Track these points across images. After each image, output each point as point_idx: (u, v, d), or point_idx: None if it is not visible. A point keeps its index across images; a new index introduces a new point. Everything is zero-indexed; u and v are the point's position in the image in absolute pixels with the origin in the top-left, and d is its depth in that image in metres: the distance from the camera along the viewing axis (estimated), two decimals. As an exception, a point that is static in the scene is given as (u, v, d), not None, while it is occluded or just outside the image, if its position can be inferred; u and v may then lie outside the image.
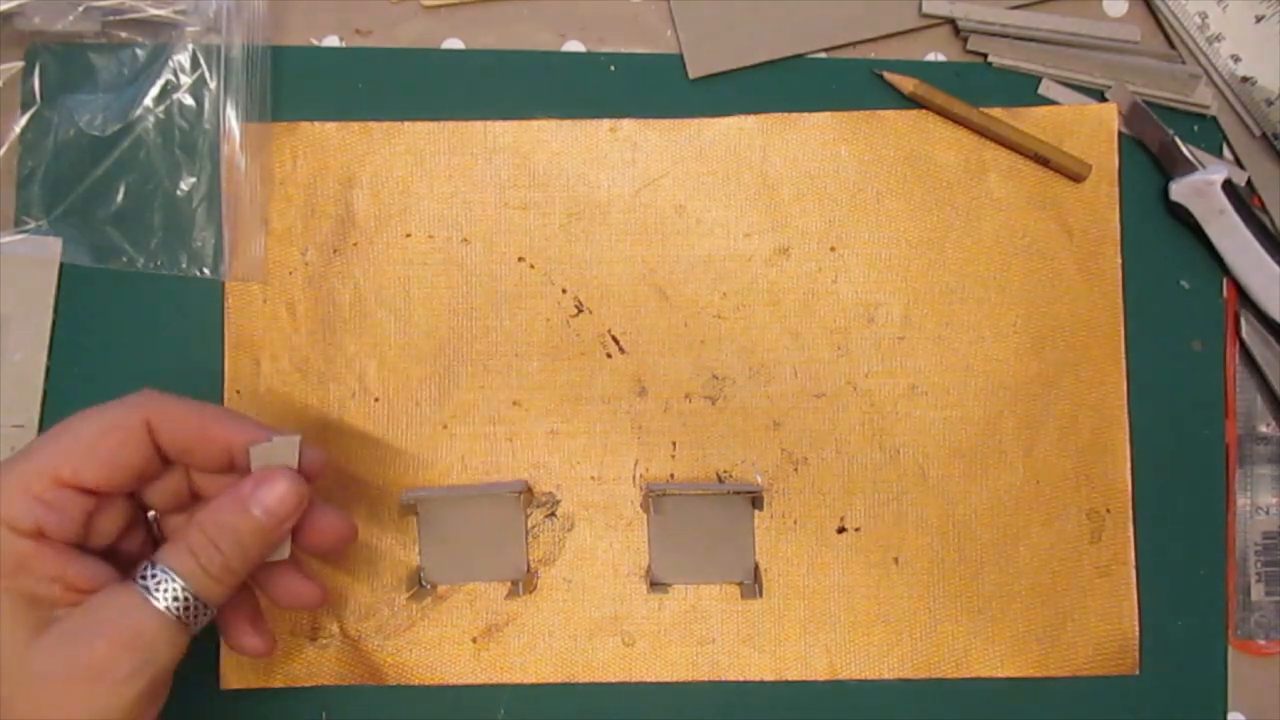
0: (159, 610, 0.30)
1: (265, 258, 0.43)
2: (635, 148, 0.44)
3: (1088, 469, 0.42)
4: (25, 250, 0.43)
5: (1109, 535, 0.42)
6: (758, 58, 0.44)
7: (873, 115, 0.44)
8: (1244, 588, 0.42)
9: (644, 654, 0.42)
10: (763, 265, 0.43)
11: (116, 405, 0.32)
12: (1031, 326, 0.43)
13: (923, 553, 0.42)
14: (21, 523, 0.30)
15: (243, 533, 0.32)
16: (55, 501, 0.31)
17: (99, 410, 0.32)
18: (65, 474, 0.31)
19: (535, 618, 0.42)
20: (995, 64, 0.44)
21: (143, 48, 0.43)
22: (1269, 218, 0.43)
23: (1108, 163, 0.43)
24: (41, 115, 0.43)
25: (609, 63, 0.44)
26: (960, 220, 0.43)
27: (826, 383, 0.43)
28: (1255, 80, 0.43)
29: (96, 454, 0.31)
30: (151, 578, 0.31)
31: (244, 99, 0.43)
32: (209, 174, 0.43)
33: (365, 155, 0.44)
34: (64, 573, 0.30)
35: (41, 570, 0.30)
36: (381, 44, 0.44)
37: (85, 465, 0.31)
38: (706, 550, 0.42)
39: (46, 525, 0.30)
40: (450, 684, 0.42)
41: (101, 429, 0.32)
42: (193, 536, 0.32)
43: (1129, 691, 0.42)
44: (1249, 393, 0.43)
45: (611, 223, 0.43)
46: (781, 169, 0.43)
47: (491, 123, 0.44)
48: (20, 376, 0.42)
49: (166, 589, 0.31)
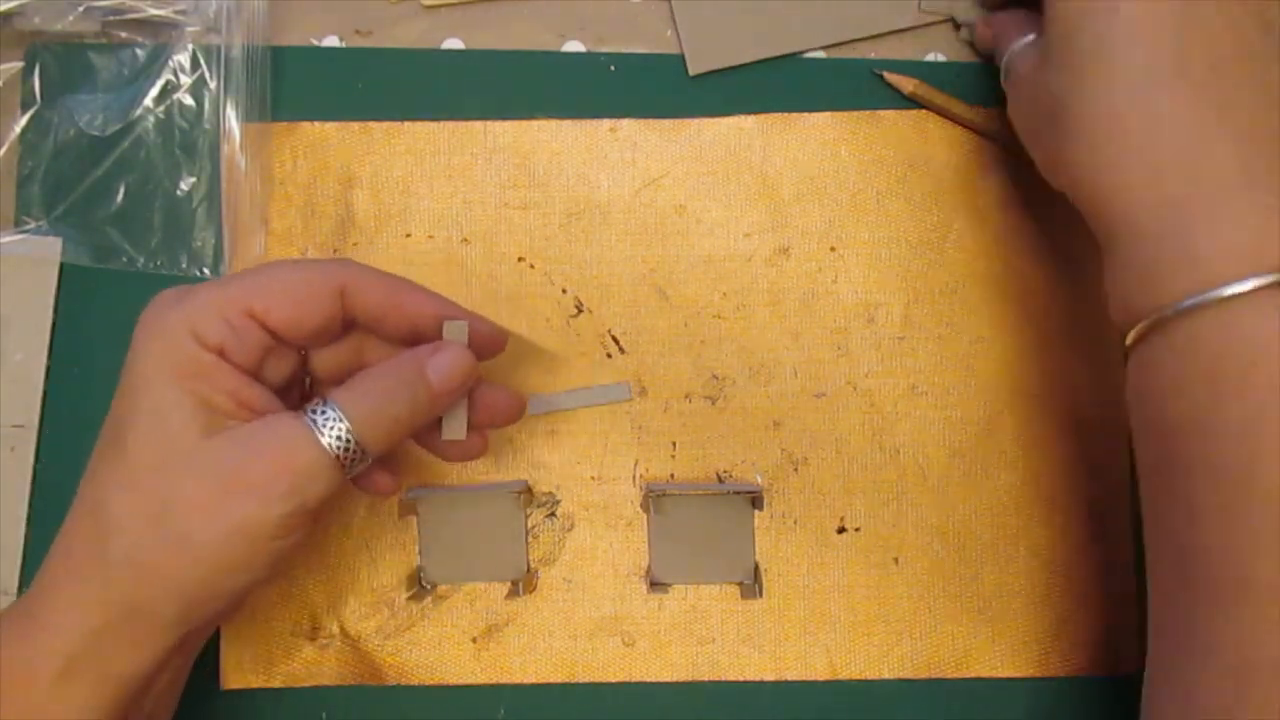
0: (322, 445, 0.31)
1: (265, 257, 0.43)
2: (635, 148, 0.44)
3: (1089, 464, 0.42)
4: (25, 250, 0.43)
5: (1109, 535, 0.42)
6: (758, 55, 0.44)
7: (872, 115, 0.44)
8: (1244, 587, 0.42)
9: (644, 654, 0.42)
10: (763, 265, 0.43)
11: (316, 264, 0.34)
12: (1031, 326, 0.43)
13: (923, 553, 0.42)
14: (208, 337, 0.31)
15: (416, 391, 0.33)
16: (241, 328, 0.32)
17: (299, 263, 0.34)
18: (256, 307, 0.32)
19: (535, 618, 0.42)
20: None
21: (143, 48, 0.43)
22: (1269, 218, 0.43)
23: (1108, 163, 0.43)
24: (41, 115, 0.43)
25: (609, 63, 0.44)
26: (960, 220, 0.43)
27: (826, 383, 0.43)
28: (1255, 80, 0.43)
29: (289, 298, 0.32)
30: (321, 414, 0.32)
31: (244, 99, 0.43)
32: (209, 174, 0.43)
33: (365, 155, 0.44)
34: (240, 390, 0.32)
35: (220, 382, 0.31)
36: (381, 44, 0.44)
37: (276, 305, 0.32)
38: (706, 550, 0.42)
39: (228, 347, 0.32)
40: (450, 684, 0.42)
41: (299, 278, 0.33)
42: (368, 384, 0.33)
43: (1129, 691, 0.42)
44: (1249, 393, 0.43)
45: (611, 223, 0.43)
46: (781, 169, 0.44)
47: (491, 123, 0.44)
48: (20, 376, 0.42)
49: (333, 428, 0.31)
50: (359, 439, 0.32)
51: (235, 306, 0.32)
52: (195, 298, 0.32)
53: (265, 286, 0.32)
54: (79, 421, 0.42)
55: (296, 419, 0.32)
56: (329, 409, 0.32)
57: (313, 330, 0.33)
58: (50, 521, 0.42)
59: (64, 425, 0.42)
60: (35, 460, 0.42)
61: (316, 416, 0.32)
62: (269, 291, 0.32)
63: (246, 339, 0.32)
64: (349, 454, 0.32)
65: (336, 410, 0.32)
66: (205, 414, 0.31)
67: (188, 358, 0.31)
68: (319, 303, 0.33)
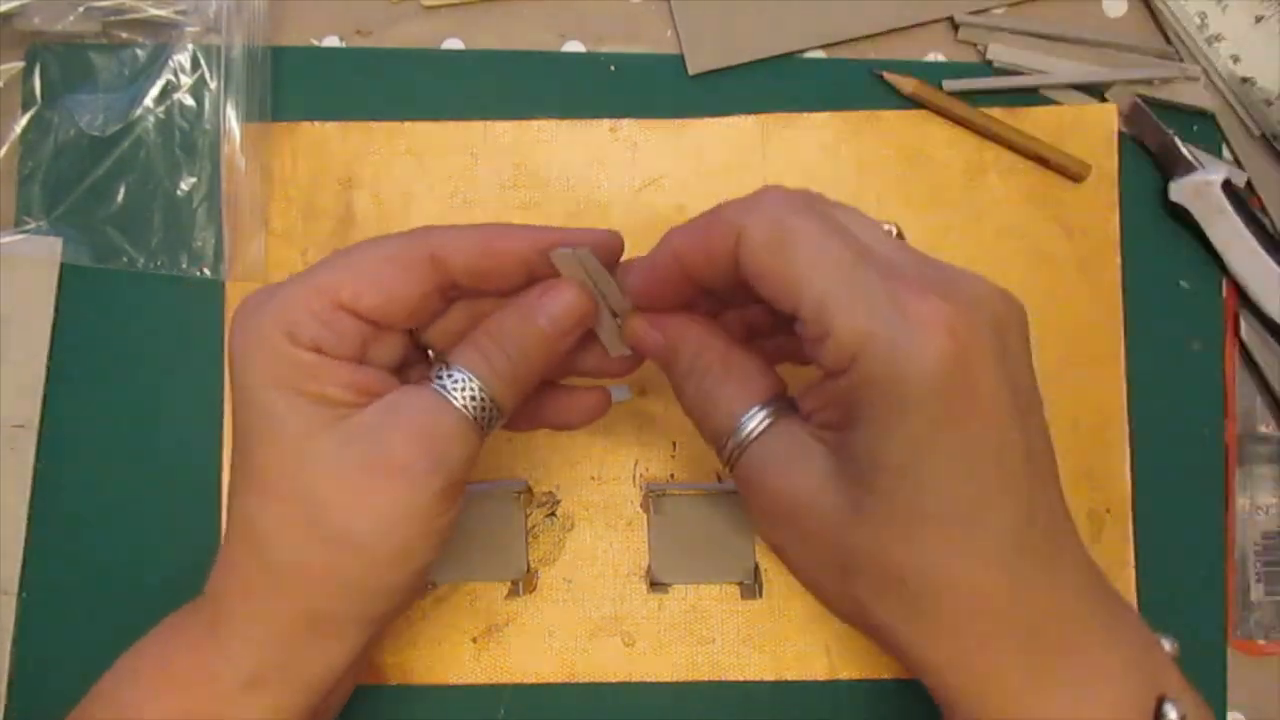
0: (456, 408, 0.30)
1: (265, 258, 0.43)
2: (635, 148, 0.44)
3: (1088, 469, 0.42)
4: (25, 250, 0.43)
5: (1109, 535, 0.42)
6: (757, 54, 0.44)
7: (872, 115, 0.44)
8: (1243, 587, 0.42)
9: (644, 654, 0.42)
10: (763, 265, 0.43)
11: (399, 237, 0.31)
12: (1031, 326, 0.43)
13: (923, 553, 0.42)
14: (301, 336, 0.30)
15: (528, 339, 0.31)
16: (332, 322, 0.30)
17: (382, 241, 0.31)
18: (344, 297, 0.30)
19: (535, 618, 0.42)
20: (995, 64, 0.44)
21: (143, 48, 0.43)
22: (1268, 218, 0.43)
23: (1107, 163, 0.43)
24: (42, 115, 0.43)
25: (609, 63, 0.44)
26: (960, 220, 0.43)
27: (826, 383, 0.43)
28: (1255, 80, 0.43)
29: (377, 282, 0.30)
30: (449, 377, 0.30)
31: (244, 99, 0.43)
32: (209, 174, 0.43)
33: (365, 156, 0.44)
34: (352, 379, 0.30)
35: (329, 377, 0.30)
36: (381, 44, 0.44)
37: (365, 291, 0.30)
38: (706, 550, 0.42)
39: (323, 343, 0.30)
40: (450, 684, 0.42)
41: (384, 258, 0.31)
42: (486, 340, 0.31)
43: (1129, 691, 0.42)
44: (1249, 393, 0.43)
45: (611, 223, 0.43)
46: (781, 169, 0.43)
47: (491, 123, 0.44)
48: (20, 376, 0.42)
49: (464, 388, 0.30)
50: (492, 395, 0.30)
51: (322, 300, 0.30)
52: (281, 297, 0.30)
53: (350, 274, 0.30)
54: (79, 421, 0.42)
55: (423, 388, 0.30)
56: (455, 371, 0.30)
57: (408, 311, 0.31)
58: (50, 521, 0.42)
59: (64, 425, 0.42)
60: (35, 460, 0.42)
61: (445, 381, 0.30)
62: (355, 278, 0.30)
63: (342, 332, 0.30)
64: (484, 413, 0.30)
65: (463, 371, 0.30)
66: (323, 409, 0.29)
67: (288, 361, 0.29)
68: (410, 279, 0.31)
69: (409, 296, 0.31)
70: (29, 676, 0.41)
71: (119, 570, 0.42)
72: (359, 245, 0.31)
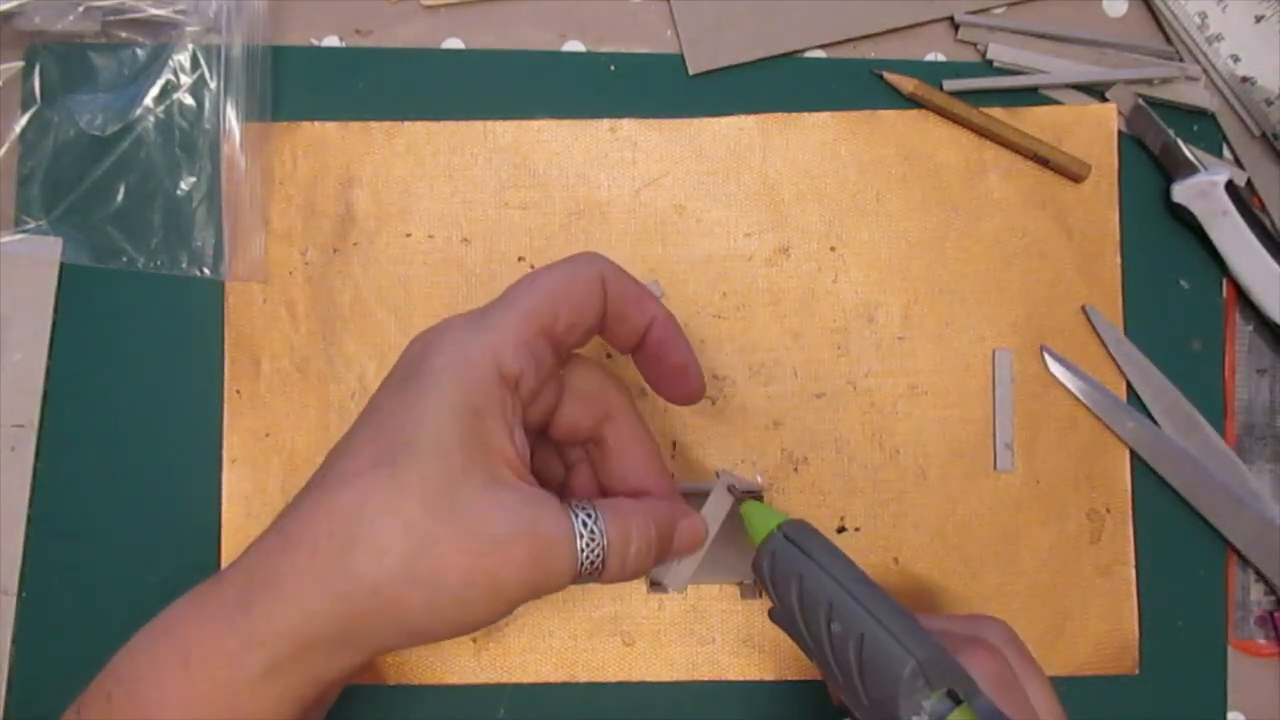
0: (576, 552, 0.30)
1: (265, 258, 0.43)
2: (635, 148, 0.44)
3: (1088, 469, 0.42)
4: (25, 250, 0.43)
5: (1109, 535, 0.42)
6: (757, 53, 0.44)
7: (872, 115, 0.44)
8: (1244, 587, 0.42)
9: (644, 654, 0.42)
10: (763, 265, 0.43)
11: (570, 260, 0.33)
12: (1031, 326, 0.43)
13: (923, 553, 0.42)
14: (511, 366, 0.30)
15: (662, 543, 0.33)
16: (537, 349, 0.31)
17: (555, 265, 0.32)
18: (548, 318, 0.31)
19: (535, 618, 0.42)
20: (995, 64, 0.44)
21: (143, 48, 0.43)
22: (1269, 218, 0.43)
23: (1107, 163, 0.43)
24: (41, 115, 0.43)
25: (609, 63, 0.44)
26: (960, 220, 0.43)
27: (826, 383, 0.43)
28: (1255, 80, 0.43)
29: (569, 299, 0.31)
30: (586, 523, 0.31)
31: (244, 99, 0.43)
32: (209, 174, 0.43)
33: (365, 155, 0.44)
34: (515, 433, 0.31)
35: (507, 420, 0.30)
36: (381, 44, 0.44)
37: (562, 310, 0.31)
38: (706, 550, 0.42)
39: (524, 374, 0.30)
40: (450, 684, 0.42)
41: (567, 277, 0.32)
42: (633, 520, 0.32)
43: (1129, 691, 0.42)
44: (1249, 392, 0.43)
45: (611, 223, 0.43)
46: (781, 169, 0.44)
47: (491, 123, 0.44)
48: (20, 376, 0.42)
49: (594, 542, 0.31)
50: (605, 563, 0.31)
51: (532, 326, 0.31)
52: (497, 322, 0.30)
53: (545, 296, 0.31)
54: (79, 421, 0.42)
55: (567, 515, 0.31)
56: (597, 528, 0.31)
57: (588, 327, 0.33)
58: (50, 521, 0.42)
59: (64, 425, 0.42)
60: (35, 460, 0.42)
61: (585, 527, 0.31)
62: (552, 299, 0.31)
63: (541, 362, 0.31)
64: (589, 571, 0.31)
65: (602, 531, 0.31)
66: (486, 458, 0.30)
67: (485, 392, 0.30)
68: (594, 295, 0.32)
69: (592, 311, 0.32)
70: (29, 676, 0.41)
71: (119, 570, 0.42)
72: (534, 273, 0.32)
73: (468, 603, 0.29)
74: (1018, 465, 0.42)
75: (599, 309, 0.33)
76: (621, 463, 0.35)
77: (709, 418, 0.43)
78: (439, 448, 0.29)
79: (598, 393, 0.35)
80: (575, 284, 0.32)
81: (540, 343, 0.31)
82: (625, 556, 0.32)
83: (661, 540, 0.33)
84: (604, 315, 0.33)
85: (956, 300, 0.43)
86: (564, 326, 0.32)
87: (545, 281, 0.32)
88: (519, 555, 0.29)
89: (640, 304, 0.33)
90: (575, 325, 0.32)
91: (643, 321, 0.34)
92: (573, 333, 0.32)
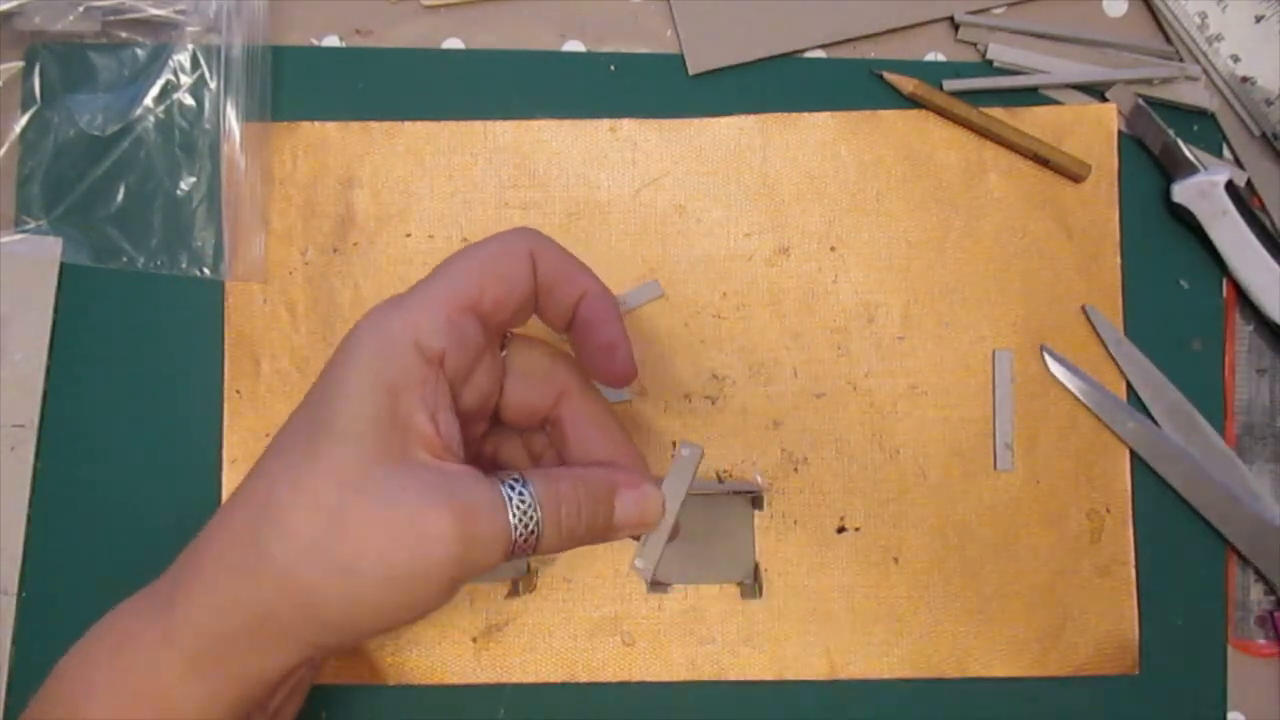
0: (507, 524, 0.29)
1: (265, 258, 0.43)
2: (635, 147, 0.44)
3: (1087, 469, 0.43)
4: (25, 250, 0.43)
5: (1109, 535, 0.42)
6: (757, 54, 0.44)
7: (872, 115, 0.44)
8: (1244, 587, 0.42)
9: (644, 654, 0.42)
10: (763, 265, 0.43)
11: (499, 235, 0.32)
12: (1031, 326, 0.43)
13: (922, 553, 0.42)
14: (432, 342, 0.29)
15: (598, 520, 0.31)
16: (462, 325, 0.30)
17: (483, 242, 0.32)
18: (474, 293, 0.30)
19: (535, 618, 0.42)
20: (995, 64, 0.44)
21: (143, 48, 0.43)
22: (1269, 218, 0.43)
23: (1107, 163, 0.43)
24: (41, 115, 0.43)
25: (609, 63, 0.44)
26: (960, 220, 0.43)
27: (826, 383, 0.43)
28: (1255, 80, 0.43)
29: (496, 273, 0.31)
30: (518, 492, 0.30)
31: (244, 99, 0.43)
32: (209, 174, 0.43)
33: (365, 155, 0.44)
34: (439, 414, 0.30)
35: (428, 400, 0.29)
36: (381, 44, 0.44)
37: (490, 285, 0.31)
38: (706, 550, 0.42)
39: (449, 352, 0.30)
40: (450, 684, 0.42)
41: (494, 253, 0.31)
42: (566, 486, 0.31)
43: (1129, 691, 0.42)
44: (1249, 392, 0.43)
45: (611, 223, 0.43)
46: (781, 169, 0.44)
47: (491, 123, 0.44)
48: (20, 376, 0.42)
49: (527, 512, 0.30)
50: (541, 533, 0.30)
51: (455, 303, 0.30)
52: (418, 299, 0.30)
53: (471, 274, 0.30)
54: (79, 421, 0.42)
55: (493, 484, 0.30)
56: (527, 492, 0.30)
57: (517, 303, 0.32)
58: (50, 521, 0.42)
59: (64, 425, 0.42)
60: (35, 460, 0.42)
61: (513, 493, 0.30)
62: (480, 275, 0.30)
63: (466, 339, 0.30)
64: (525, 543, 0.30)
65: (533, 496, 0.30)
66: (403, 437, 0.29)
67: (403, 370, 0.29)
68: (520, 268, 0.31)
69: (521, 288, 0.31)
70: (29, 676, 0.41)
71: (118, 570, 0.42)
72: (460, 252, 0.31)
73: (391, 587, 0.28)
74: (1018, 465, 0.43)
75: (528, 284, 0.32)
76: (582, 442, 0.34)
77: (709, 418, 0.43)
78: (354, 426, 0.28)
79: (546, 371, 0.34)
80: (502, 258, 0.31)
81: (466, 319, 0.30)
82: (561, 529, 0.31)
83: (595, 503, 0.31)
84: (535, 291, 0.32)
85: (956, 300, 0.43)
86: (491, 302, 0.31)
87: (470, 257, 0.31)
88: (440, 528, 0.28)
89: (571, 278, 0.32)
90: (503, 301, 0.31)
91: (573, 296, 0.32)
92: (502, 309, 0.31)
